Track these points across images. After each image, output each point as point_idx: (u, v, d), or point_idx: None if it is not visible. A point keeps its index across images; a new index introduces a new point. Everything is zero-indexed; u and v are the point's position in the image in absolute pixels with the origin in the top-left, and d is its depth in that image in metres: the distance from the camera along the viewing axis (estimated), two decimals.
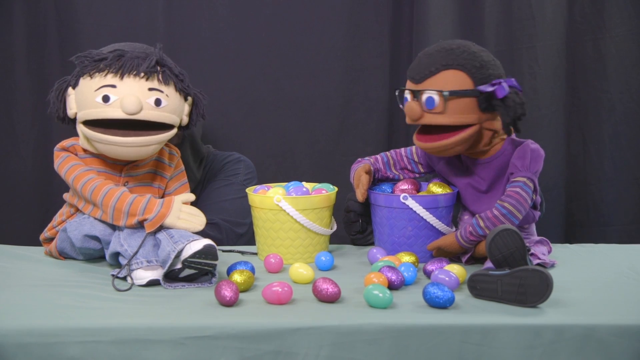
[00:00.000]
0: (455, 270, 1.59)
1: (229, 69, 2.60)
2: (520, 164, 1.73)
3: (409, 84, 1.76)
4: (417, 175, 1.94)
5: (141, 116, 1.65)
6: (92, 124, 1.69)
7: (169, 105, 1.70)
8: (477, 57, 1.71)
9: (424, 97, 1.71)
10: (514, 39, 2.51)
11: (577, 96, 2.57)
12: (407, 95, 1.75)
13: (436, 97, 1.69)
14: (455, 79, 1.70)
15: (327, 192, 1.85)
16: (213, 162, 2.33)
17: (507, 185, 1.73)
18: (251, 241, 2.01)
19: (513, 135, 1.80)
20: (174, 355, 1.30)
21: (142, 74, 1.66)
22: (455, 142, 1.72)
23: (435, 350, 1.34)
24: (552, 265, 1.74)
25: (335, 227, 1.88)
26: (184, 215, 1.66)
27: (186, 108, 1.77)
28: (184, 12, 2.57)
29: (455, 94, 1.69)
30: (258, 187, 1.90)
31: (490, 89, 1.69)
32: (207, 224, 1.73)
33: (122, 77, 1.65)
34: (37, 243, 1.90)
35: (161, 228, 1.64)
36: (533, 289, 1.42)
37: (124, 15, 2.54)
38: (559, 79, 2.51)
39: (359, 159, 1.95)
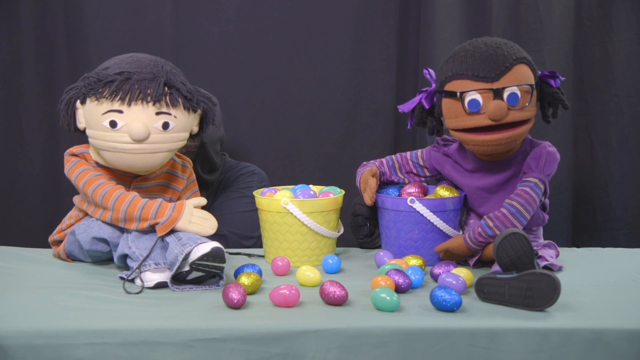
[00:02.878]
0: (463, 273, 1.59)
1: (236, 72, 2.61)
2: (534, 165, 1.73)
3: (480, 84, 1.66)
4: (422, 179, 1.94)
5: (149, 141, 1.65)
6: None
7: (177, 126, 1.68)
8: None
9: (506, 94, 1.66)
10: (522, 42, 2.49)
11: (584, 100, 2.56)
12: (478, 95, 1.66)
13: (519, 93, 1.66)
14: (526, 72, 1.69)
15: (334, 195, 1.85)
16: (228, 172, 2.33)
17: (518, 185, 1.73)
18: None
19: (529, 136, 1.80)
20: (181, 357, 1.31)
21: (150, 99, 1.64)
22: (524, 131, 1.70)
23: (442, 353, 1.34)
24: (560, 269, 1.74)
25: (342, 230, 1.88)
26: (195, 219, 1.66)
27: (196, 119, 1.76)
28: (192, 15, 2.58)
29: (533, 88, 1.69)
30: (265, 190, 1.90)
31: (551, 78, 1.72)
32: (215, 234, 1.72)
33: (129, 103, 1.64)
34: (46, 245, 1.90)
35: (172, 232, 1.65)
36: (541, 292, 1.42)
37: (132, 18, 2.55)
38: (567, 82, 2.51)
39: (364, 163, 1.95)
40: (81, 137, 1.78)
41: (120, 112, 1.64)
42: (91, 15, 2.53)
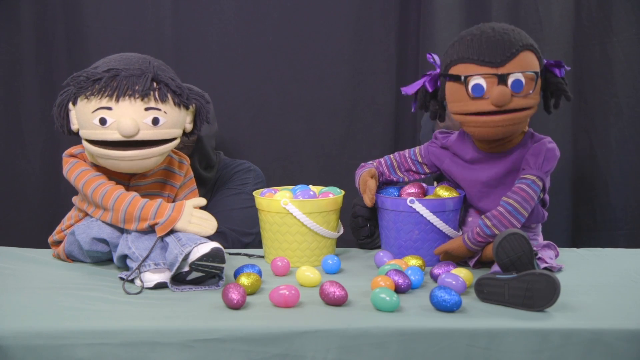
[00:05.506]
0: (462, 274, 1.59)
1: (236, 73, 2.61)
2: (533, 162, 1.72)
3: (485, 69, 1.64)
4: (422, 176, 1.94)
5: (139, 137, 1.64)
6: (92, 142, 1.68)
7: (167, 121, 1.68)
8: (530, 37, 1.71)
9: (511, 80, 1.64)
10: None
11: (584, 100, 2.57)
12: (482, 80, 1.65)
13: (523, 80, 1.65)
14: (531, 59, 1.67)
15: (333, 195, 1.85)
16: (224, 170, 2.33)
17: (516, 181, 1.73)
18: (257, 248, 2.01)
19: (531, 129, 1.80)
20: (181, 357, 1.31)
21: (137, 95, 1.64)
22: (526, 115, 1.68)
23: (442, 353, 1.34)
24: (560, 270, 1.74)
25: (342, 231, 1.88)
26: (195, 220, 1.66)
27: (188, 117, 1.76)
28: (191, 16, 2.58)
29: (537, 75, 1.67)
30: (265, 190, 1.90)
31: (556, 67, 1.70)
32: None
33: (117, 99, 1.63)
34: (45, 245, 1.90)
35: (171, 232, 1.65)
36: (540, 293, 1.42)
37: (131, 19, 2.55)
38: (566, 83, 2.51)
39: (363, 164, 1.95)
40: (80, 139, 1.79)
41: (109, 108, 1.64)
42: (91, 16, 2.53)
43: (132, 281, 1.61)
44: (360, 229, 1.97)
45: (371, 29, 2.61)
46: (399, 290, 1.54)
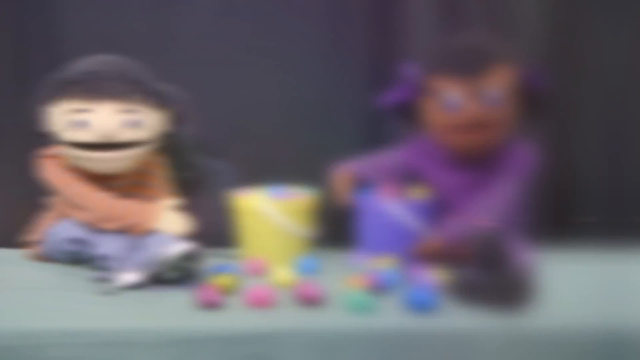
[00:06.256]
0: (439, 274, 1.60)
1: (219, 72, 2.59)
2: (514, 165, 1.73)
3: (457, 81, 1.64)
4: (400, 178, 1.94)
5: (117, 139, 1.65)
6: (70, 144, 1.68)
7: (146, 123, 1.69)
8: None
9: (486, 92, 1.64)
10: None
11: (580, 99, 2.57)
12: (457, 92, 1.64)
13: (499, 91, 1.64)
14: (506, 72, 1.67)
15: (310, 195, 1.85)
16: (202, 170, 2.32)
17: (496, 184, 1.73)
18: None
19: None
20: (156, 358, 1.30)
21: (116, 96, 1.64)
22: (501, 133, 1.69)
23: (418, 355, 1.34)
24: (541, 269, 1.74)
25: (318, 231, 1.88)
26: (170, 220, 1.66)
27: (167, 117, 1.76)
28: (168, 15, 2.57)
29: (514, 86, 1.66)
30: (241, 190, 1.90)
31: (535, 80, 1.69)
32: (190, 233, 1.72)
33: (95, 101, 1.63)
34: (20, 245, 1.89)
35: (148, 232, 1.64)
36: (519, 293, 1.42)
37: (109, 18, 2.53)
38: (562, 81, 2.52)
39: (340, 164, 1.95)
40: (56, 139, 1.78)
41: (87, 110, 1.64)
42: (68, 16, 2.51)
43: (108, 281, 1.60)
44: (336, 229, 1.96)
45: (348, 29, 2.60)
46: (375, 291, 1.54)
